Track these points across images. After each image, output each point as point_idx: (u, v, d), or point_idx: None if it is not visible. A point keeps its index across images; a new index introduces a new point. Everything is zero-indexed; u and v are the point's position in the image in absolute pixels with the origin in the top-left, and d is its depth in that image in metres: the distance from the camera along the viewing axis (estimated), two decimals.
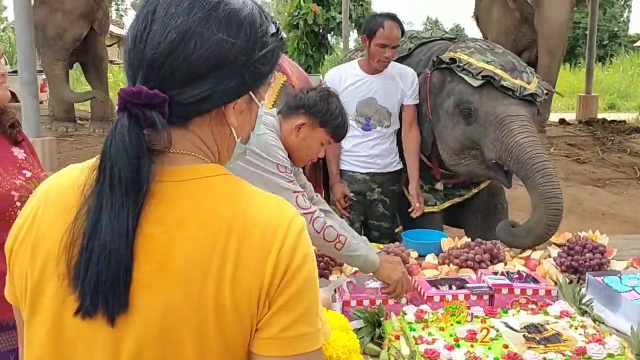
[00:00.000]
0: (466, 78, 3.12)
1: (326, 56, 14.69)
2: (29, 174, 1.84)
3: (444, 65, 3.24)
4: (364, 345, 1.92)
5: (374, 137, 3.45)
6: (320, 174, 3.67)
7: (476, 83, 3.08)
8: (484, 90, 3.09)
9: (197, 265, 0.88)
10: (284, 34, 1.05)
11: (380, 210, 3.57)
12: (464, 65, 3.14)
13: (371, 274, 2.18)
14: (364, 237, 2.41)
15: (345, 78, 3.42)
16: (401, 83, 3.40)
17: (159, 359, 0.89)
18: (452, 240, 2.94)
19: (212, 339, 0.89)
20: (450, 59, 3.20)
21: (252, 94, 0.99)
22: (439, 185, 3.66)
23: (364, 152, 3.47)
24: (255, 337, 0.91)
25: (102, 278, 0.87)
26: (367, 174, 3.50)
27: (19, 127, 1.90)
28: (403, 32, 3.35)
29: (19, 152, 1.88)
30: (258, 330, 0.91)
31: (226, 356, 0.91)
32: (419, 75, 3.42)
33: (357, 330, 1.97)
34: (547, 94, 3.19)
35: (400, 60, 3.55)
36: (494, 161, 3.08)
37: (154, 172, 0.91)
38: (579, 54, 23.42)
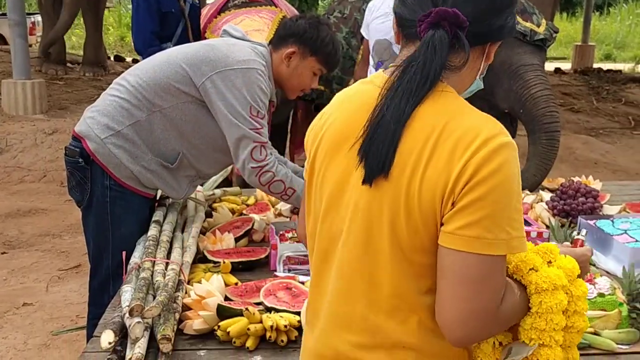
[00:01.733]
0: None
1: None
2: None
3: None
4: None
5: None
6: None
7: None
8: None
9: (402, 162, 1.03)
10: None
11: None
12: None
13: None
14: None
15: (377, 10, 3.12)
16: None
17: (364, 225, 1.08)
18: None
19: (400, 228, 1.04)
20: None
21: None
22: None
23: None
24: (440, 230, 1.03)
25: (374, 148, 1.04)
26: None
27: None
28: None
29: None
30: (443, 224, 1.03)
31: (413, 242, 1.05)
32: None
33: None
34: (554, 37, 3.13)
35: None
36: (506, 110, 3.05)
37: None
38: (576, 2, 23.07)
